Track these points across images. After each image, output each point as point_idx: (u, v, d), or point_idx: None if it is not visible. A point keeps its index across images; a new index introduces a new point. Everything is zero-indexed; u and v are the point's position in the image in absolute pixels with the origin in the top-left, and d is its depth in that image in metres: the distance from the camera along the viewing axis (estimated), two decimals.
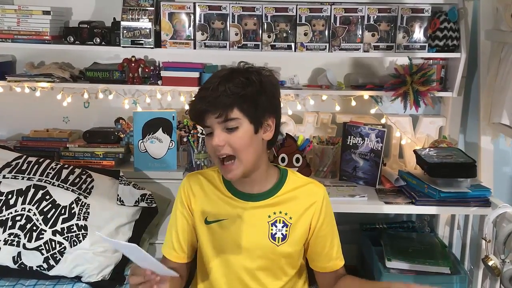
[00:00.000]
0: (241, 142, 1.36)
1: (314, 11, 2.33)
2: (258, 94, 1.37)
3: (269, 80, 1.42)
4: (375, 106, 2.52)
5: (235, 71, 1.40)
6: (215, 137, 1.35)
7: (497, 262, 1.81)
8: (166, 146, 2.40)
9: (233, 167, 1.38)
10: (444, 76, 2.50)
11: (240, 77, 1.36)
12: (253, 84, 1.36)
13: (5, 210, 2.02)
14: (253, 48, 2.36)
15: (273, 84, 1.44)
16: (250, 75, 1.38)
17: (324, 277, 1.56)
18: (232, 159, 1.38)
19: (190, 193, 1.52)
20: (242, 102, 1.34)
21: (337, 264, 1.54)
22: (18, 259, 1.97)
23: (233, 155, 1.37)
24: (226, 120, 1.34)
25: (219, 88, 1.33)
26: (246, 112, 1.35)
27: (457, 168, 2.14)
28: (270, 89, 1.41)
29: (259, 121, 1.39)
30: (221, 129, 1.35)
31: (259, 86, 1.37)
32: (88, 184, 2.13)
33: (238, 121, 1.35)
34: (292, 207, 1.49)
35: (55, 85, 2.44)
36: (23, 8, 2.35)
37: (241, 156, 1.38)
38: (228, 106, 1.33)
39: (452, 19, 2.34)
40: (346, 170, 2.39)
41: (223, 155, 1.37)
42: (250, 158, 1.40)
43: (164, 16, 2.34)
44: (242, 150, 1.37)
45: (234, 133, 1.36)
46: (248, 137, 1.37)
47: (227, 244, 1.48)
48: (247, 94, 1.34)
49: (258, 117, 1.38)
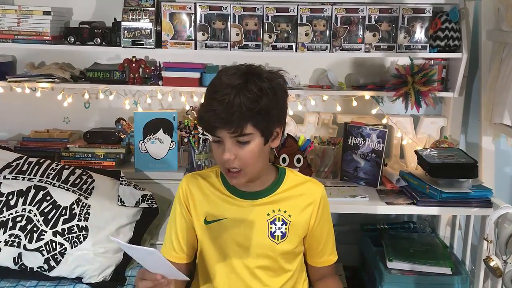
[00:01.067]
0: (251, 155, 1.36)
1: (315, 11, 2.33)
2: (272, 106, 1.35)
3: (281, 87, 1.40)
4: (376, 107, 2.52)
5: (248, 80, 1.33)
6: (226, 152, 1.34)
7: (499, 263, 1.81)
8: (167, 147, 2.40)
9: (239, 175, 1.39)
10: (445, 76, 2.49)
11: (254, 89, 1.31)
12: (267, 96, 1.33)
13: (6, 211, 2.01)
14: (254, 49, 2.35)
15: (283, 91, 1.42)
16: (263, 83, 1.34)
17: (314, 270, 1.61)
18: (240, 170, 1.38)
19: (189, 193, 1.53)
20: (256, 117, 1.32)
21: (330, 259, 1.59)
22: (19, 260, 1.97)
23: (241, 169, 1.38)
24: (239, 135, 1.33)
25: (234, 103, 1.29)
26: (259, 126, 1.34)
27: (459, 168, 2.13)
28: (281, 98, 1.40)
29: (270, 132, 1.39)
30: (232, 142, 1.35)
31: (272, 97, 1.34)
32: (89, 184, 2.13)
33: (250, 136, 1.35)
34: (291, 205, 1.50)
35: (56, 85, 2.43)
36: (24, 8, 2.35)
37: (248, 169, 1.39)
38: (243, 122, 1.31)
39: (453, 19, 2.34)
40: (347, 171, 2.38)
41: (231, 168, 1.37)
42: (256, 169, 1.42)
43: (164, 16, 2.34)
44: (250, 163, 1.38)
45: (245, 147, 1.35)
46: (258, 150, 1.37)
47: (227, 243, 1.49)
48: (261, 109, 1.32)
49: (269, 129, 1.38)
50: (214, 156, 1.43)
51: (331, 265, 1.60)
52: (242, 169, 1.38)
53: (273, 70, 1.43)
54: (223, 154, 1.35)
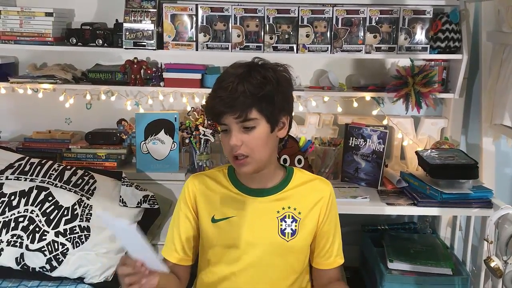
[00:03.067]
0: (257, 142, 1.38)
1: (316, 12, 2.33)
2: (275, 93, 1.37)
3: (285, 78, 1.43)
4: (377, 108, 2.53)
5: (252, 69, 1.38)
6: (233, 137, 1.36)
7: (499, 263, 1.81)
8: (168, 148, 2.41)
9: (247, 161, 1.39)
10: (445, 77, 2.50)
11: (258, 76, 1.36)
12: (271, 83, 1.36)
13: (8, 211, 2.02)
14: (255, 50, 2.36)
15: (288, 82, 1.44)
16: (267, 72, 1.38)
17: (319, 274, 1.56)
18: (246, 156, 1.39)
19: (195, 193, 1.52)
20: (260, 102, 1.35)
21: (336, 261, 1.55)
22: (21, 260, 1.98)
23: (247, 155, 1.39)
24: (244, 120, 1.35)
25: (238, 89, 1.33)
26: (264, 112, 1.36)
27: (459, 169, 2.14)
28: (286, 87, 1.42)
29: (276, 120, 1.40)
30: (238, 128, 1.36)
31: (276, 85, 1.37)
32: (91, 185, 2.13)
33: (256, 121, 1.36)
34: (300, 202, 1.50)
35: (58, 86, 2.44)
36: (26, 10, 2.36)
37: (256, 155, 1.39)
38: (247, 107, 1.34)
39: (454, 21, 2.34)
40: (348, 172, 2.39)
41: (239, 155, 1.38)
42: (264, 156, 1.42)
43: (166, 17, 2.35)
44: (257, 150, 1.39)
45: (251, 133, 1.37)
46: (264, 136, 1.38)
47: (236, 241, 1.47)
48: (265, 94, 1.35)
49: (274, 117, 1.40)
50: (223, 148, 1.44)
51: (338, 268, 1.56)
52: (249, 155, 1.38)
53: (278, 63, 1.45)
54: (230, 140, 1.37)
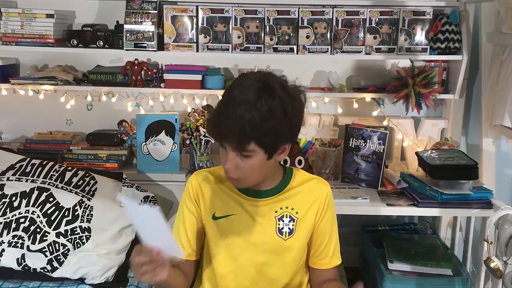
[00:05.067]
0: (251, 169, 1.39)
1: (316, 14, 2.34)
2: (280, 126, 1.34)
3: (294, 105, 1.37)
4: (377, 109, 2.53)
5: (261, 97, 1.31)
6: (228, 161, 1.38)
7: (499, 264, 1.81)
8: (169, 149, 2.41)
9: (240, 182, 1.44)
10: (445, 78, 2.51)
11: (263, 108, 1.30)
12: (275, 117, 1.32)
13: (9, 212, 2.03)
14: (256, 51, 2.37)
15: (297, 109, 1.39)
16: (273, 102, 1.31)
17: (316, 274, 1.58)
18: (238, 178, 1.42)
19: (198, 188, 1.54)
20: (261, 136, 1.33)
21: (332, 262, 1.57)
22: (22, 261, 1.98)
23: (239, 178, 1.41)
24: (241, 150, 1.35)
25: (241, 120, 1.30)
26: (263, 144, 1.35)
27: (459, 170, 2.14)
28: (294, 118, 1.38)
29: (275, 149, 1.40)
30: (234, 154, 1.37)
31: (281, 118, 1.33)
32: (92, 186, 2.14)
33: (252, 152, 1.36)
34: (298, 202, 1.52)
35: (59, 87, 2.45)
36: (27, 12, 2.37)
37: (248, 180, 1.43)
38: (246, 140, 1.33)
39: (454, 22, 2.35)
40: (348, 172, 2.39)
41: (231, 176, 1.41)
42: (256, 180, 1.45)
43: (167, 19, 2.36)
44: (250, 175, 1.41)
45: (246, 160, 1.37)
46: (259, 164, 1.39)
47: (235, 239, 1.50)
48: (268, 129, 1.32)
49: (274, 147, 1.39)
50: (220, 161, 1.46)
51: (335, 269, 1.58)
52: (240, 178, 1.41)
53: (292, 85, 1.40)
54: (225, 162, 1.39)
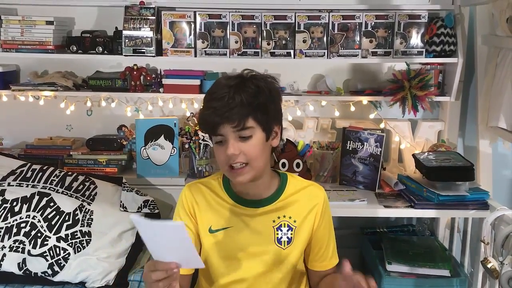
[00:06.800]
0: (255, 150, 1.39)
1: (312, 18, 2.36)
2: (269, 102, 1.40)
3: (275, 88, 1.45)
4: (374, 111, 2.55)
5: (245, 79, 1.40)
6: (230, 146, 1.36)
7: (496, 264, 1.83)
8: (168, 153, 2.43)
9: (244, 171, 1.40)
10: (441, 81, 2.52)
11: (251, 86, 1.38)
12: (264, 92, 1.39)
13: (10, 217, 2.04)
14: (253, 56, 2.39)
15: (278, 92, 1.47)
16: (259, 82, 1.40)
17: (315, 274, 1.60)
18: (244, 165, 1.39)
19: (193, 201, 1.53)
20: (256, 111, 1.37)
21: (331, 263, 1.58)
22: (23, 266, 1.99)
23: (246, 163, 1.39)
24: (242, 129, 1.36)
25: (235, 98, 1.34)
26: (259, 120, 1.38)
27: (456, 171, 2.16)
28: (277, 97, 1.45)
29: (270, 128, 1.43)
30: (235, 137, 1.37)
31: (269, 94, 1.40)
32: (92, 191, 2.16)
33: (252, 130, 1.37)
34: (295, 210, 1.52)
35: (59, 93, 2.47)
36: (27, 19, 2.39)
37: (254, 164, 1.40)
38: (244, 116, 1.35)
39: (449, 25, 2.37)
40: (346, 175, 2.41)
41: (237, 164, 1.38)
42: (261, 164, 1.43)
43: (165, 25, 2.38)
44: (255, 158, 1.39)
45: (248, 141, 1.38)
46: (260, 144, 1.40)
47: (234, 251, 1.49)
48: (260, 104, 1.37)
49: (269, 125, 1.42)
50: (216, 159, 1.44)
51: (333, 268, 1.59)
52: (248, 163, 1.39)
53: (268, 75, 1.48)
54: (227, 149, 1.36)
